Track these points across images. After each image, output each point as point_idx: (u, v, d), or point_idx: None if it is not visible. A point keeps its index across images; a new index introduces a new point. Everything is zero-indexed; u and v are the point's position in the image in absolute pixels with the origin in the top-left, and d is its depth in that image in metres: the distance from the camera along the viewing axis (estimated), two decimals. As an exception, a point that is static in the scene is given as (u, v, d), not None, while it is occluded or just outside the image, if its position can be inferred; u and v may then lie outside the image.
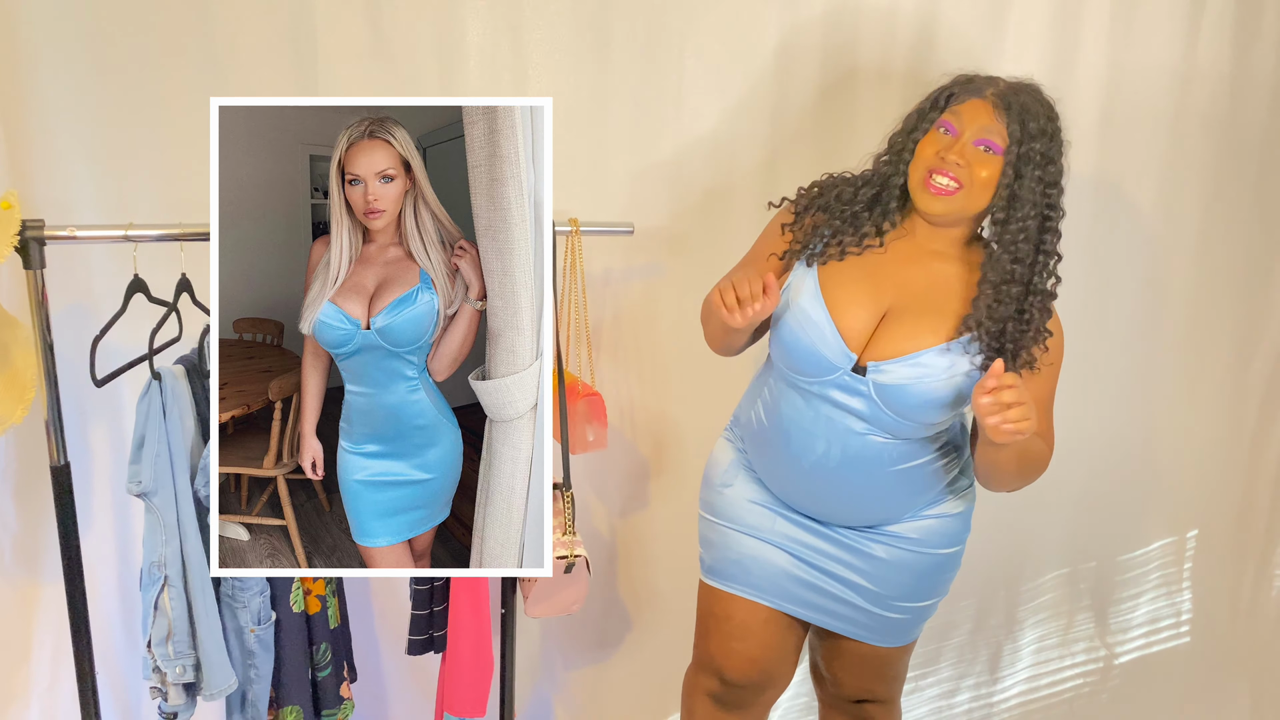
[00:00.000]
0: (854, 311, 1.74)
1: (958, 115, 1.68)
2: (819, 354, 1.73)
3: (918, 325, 1.72)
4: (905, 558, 1.87)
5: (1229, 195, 2.39)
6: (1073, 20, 2.25)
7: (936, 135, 1.70)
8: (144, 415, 1.78)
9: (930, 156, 1.68)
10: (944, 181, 1.67)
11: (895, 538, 1.87)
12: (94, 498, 2.29)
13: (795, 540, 1.90)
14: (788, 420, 1.81)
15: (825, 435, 1.77)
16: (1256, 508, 2.60)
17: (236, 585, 1.85)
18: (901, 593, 1.90)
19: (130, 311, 1.80)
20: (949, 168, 1.66)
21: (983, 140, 1.66)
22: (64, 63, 2.03)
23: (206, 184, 2.13)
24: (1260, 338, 2.49)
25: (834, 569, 1.89)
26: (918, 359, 1.70)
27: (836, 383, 1.74)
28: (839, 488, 1.81)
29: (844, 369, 1.73)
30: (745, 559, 1.93)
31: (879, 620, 1.91)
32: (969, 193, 1.68)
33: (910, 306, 1.74)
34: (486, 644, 2.00)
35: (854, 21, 2.22)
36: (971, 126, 1.66)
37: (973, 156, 1.66)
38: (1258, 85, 2.32)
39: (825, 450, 1.78)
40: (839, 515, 1.87)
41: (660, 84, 2.24)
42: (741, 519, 1.93)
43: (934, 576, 1.91)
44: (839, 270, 1.77)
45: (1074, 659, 2.71)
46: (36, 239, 1.75)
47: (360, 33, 2.12)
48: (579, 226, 2.04)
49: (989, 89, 1.68)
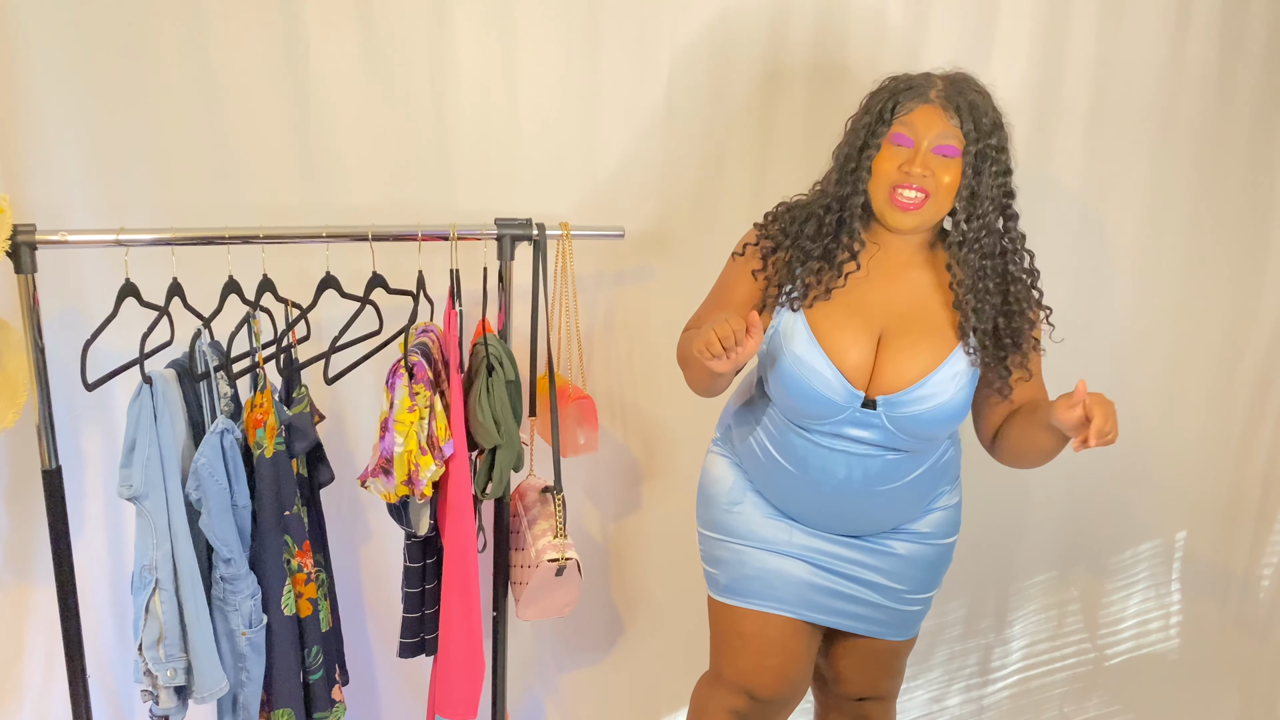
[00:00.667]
0: (851, 349, 1.74)
1: (910, 125, 1.66)
2: (825, 399, 1.74)
3: (916, 350, 1.73)
4: (918, 550, 1.90)
5: (1217, 194, 2.40)
6: (1061, 19, 2.26)
7: (892, 149, 1.68)
8: (135, 419, 1.78)
9: (892, 172, 1.67)
10: (911, 195, 1.67)
11: (910, 533, 1.90)
12: (86, 501, 2.28)
13: (814, 550, 1.90)
14: (801, 452, 1.81)
15: (845, 463, 1.79)
16: (1245, 508, 2.60)
17: (228, 588, 1.85)
18: (916, 585, 1.93)
19: (122, 316, 1.80)
20: (913, 180, 1.66)
21: (941, 147, 1.65)
22: (56, 67, 2.03)
23: (198, 188, 2.15)
24: (1248, 338, 2.50)
25: (855, 572, 1.90)
26: (925, 385, 1.72)
27: (848, 420, 1.75)
28: (862, 505, 1.83)
29: (853, 408, 1.74)
30: (766, 574, 1.91)
31: (895, 615, 1.94)
32: (935, 200, 1.68)
33: (903, 329, 1.75)
34: (478, 647, 2.00)
35: (843, 27, 2.22)
36: (928, 135, 1.65)
37: (934, 164, 1.66)
38: (1245, 84, 2.32)
39: (847, 474, 1.79)
40: (861, 529, 1.89)
41: (650, 87, 2.24)
42: (756, 535, 1.92)
43: (939, 566, 1.96)
44: (826, 309, 1.76)
45: (1063, 660, 2.71)
46: (28, 243, 1.76)
47: (351, 37, 2.12)
48: (569, 230, 2.04)
49: (931, 90, 1.67)
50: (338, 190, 2.20)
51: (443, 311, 2.00)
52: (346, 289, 1.91)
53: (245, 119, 2.13)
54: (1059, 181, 2.38)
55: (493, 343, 1.93)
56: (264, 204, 2.15)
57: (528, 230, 1.98)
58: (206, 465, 1.79)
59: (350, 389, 2.24)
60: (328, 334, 1.96)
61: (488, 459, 1.96)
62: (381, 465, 1.89)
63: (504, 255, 1.98)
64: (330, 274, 1.89)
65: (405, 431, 1.86)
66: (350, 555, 2.43)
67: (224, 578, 1.85)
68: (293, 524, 1.90)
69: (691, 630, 2.27)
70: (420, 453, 1.87)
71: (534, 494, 2.16)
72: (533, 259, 2.03)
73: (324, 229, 1.88)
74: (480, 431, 1.93)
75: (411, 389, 1.87)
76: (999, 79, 2.27)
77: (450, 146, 2.22)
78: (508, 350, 1.96)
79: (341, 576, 2.21)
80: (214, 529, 1.81)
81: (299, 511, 1.91)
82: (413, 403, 1.87)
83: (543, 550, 2.01)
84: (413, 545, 2.04)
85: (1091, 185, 2.38)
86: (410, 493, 1.90)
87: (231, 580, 1.85)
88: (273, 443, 1.84)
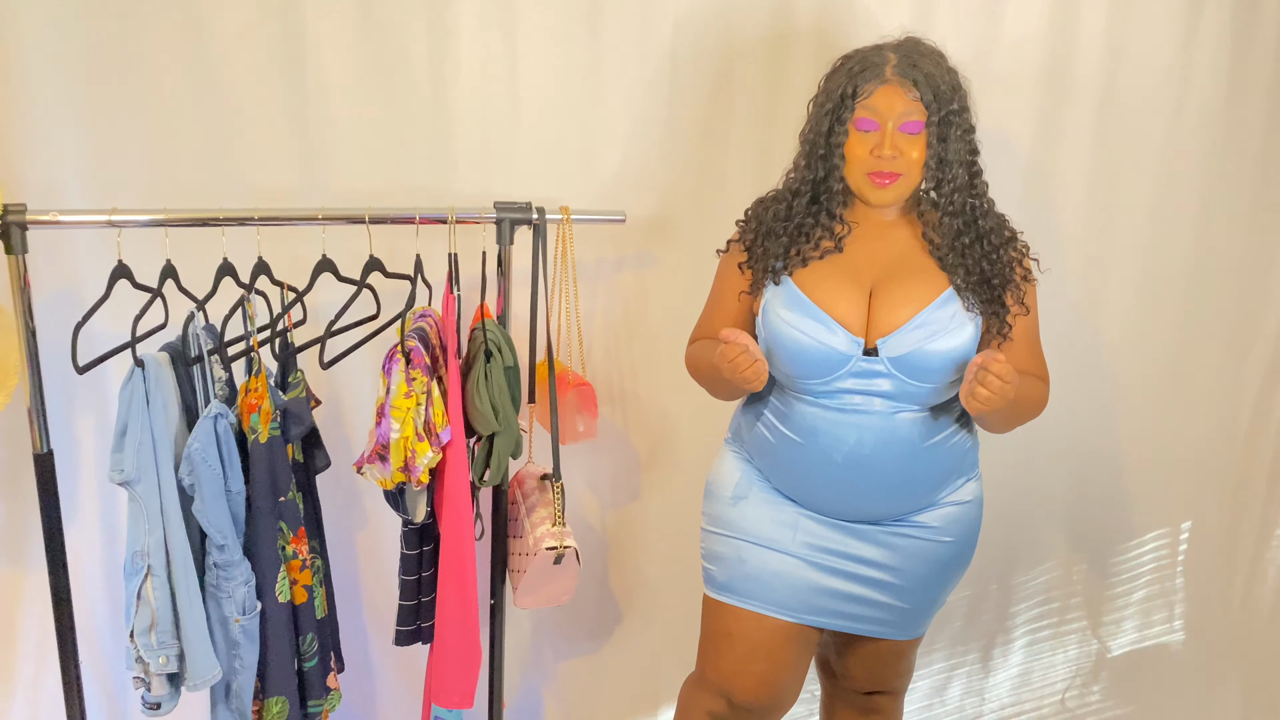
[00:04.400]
0: (844, 301, 1.75)
1: (873, 109, 1.69)
2: (827, 350, 1.73)
3: (908, 291, 1.75)
4: (927, 547, 1.87)
5: (1226, 188, 2.38)
6: (1071, 12, 2.23)
7: (860, 135, 1.71)
8: (127, 403, 1.76)
9: (864, 158, 1.71)
10: (885, 174, 1.71)
11: (920, 527, 1.86)
12: (79, 486, 2.27)
13: (819, 548, 1.87)
14: (810, 422, 1.79)
15: (855, 425, 1.76)
16: (1251, 500, 2.59)
17: (221, 575, 1.83)
18: (923, 584, 1.89)
19: (114, 298, 1.78)
20: (885, 164, 1.69)
21: (907, 125, 1.68)
22: (48, 46, 2.01)
23: (191, 169, 2.12)
24: (1256, 330, 2.49)
25: (861, 571, 1.87)
26: (921, 320, 1.72)
27: (851, 372, 1.74)
28: (874, 476, 1.80)
29: (856, 356, 1.73)
30: (765, 574, 1.88)
31: (901, 614, 1.90)
32: (908, 176, 1.72)
33: (893, 276, 1.76)
34: (474, 635, 1.99)
35: (849, 12, 2.20)
36: (891, 115, 1.68)
37: (902, 143, 1.69)
38: (1255, 79, 2.30)
39: (858, 439, 1.77)
40: (873, 508, 1.85)
41: (652, 71, 2.22)
42: (759, 533, 1.89)
43: (953, 566, 1.92)
44: (811, 272, 1.78)
45: (1066, 652, 2.70)
46: (18, 224, 1.74)
47: (349, 15, 2.10)
48: (570, 214, 2.02)
49: (886, 67, 1.69)
50: (334, 172, 2.18)
51: (441, 296, 1.98)
52: (343, 272, 1.89)
53: (241, 99, 2.11)
54: (1066, 176, 2.36)
55: (491, 328, 1.91)
56: (260, 185, 2.13)
57: (527, 214, 1.96)
58: (200, 450, 1.76)
59: (347, 374, 2.22)
60: (324, 318, 1.94)
61: (486, 446, 1.94)
62: (378, 451, 1.87)
63: (503, 239, 1.96)
64: (326, 257, 1.87)
65: (402, 417, 1.84)
66: (346, 542, 2.42)
67: (217, 564, 1.83)
68: (287, 510, 1.88)
69: (690, 620, 2.25)
70: (417, 439, 1.85)
71: (532, 481, 2.14)
72: (532, 243, 2.01)
73: (320, 211, 1.86)
74: (478, 418, 1.91)
75: (409, 374, 1.85)
76: (1007, 65, 2.27)
77: (449, 128, 2.20)
78: (506, 336, 1.95)
79: (337, 563, 2.20)
80: (207, 515, 1.79)
81: (294, 497, 1.90)
82: (409, 388, 1.85)
83: (541, 538, 2.00)
84: (409, 532, 2.03)
85: (1100, 175, 2.36)
86: (407, 479, 1.88)
87: (225, 567, 1.83)
88: (267, 428, 1.82)
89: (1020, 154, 2.34)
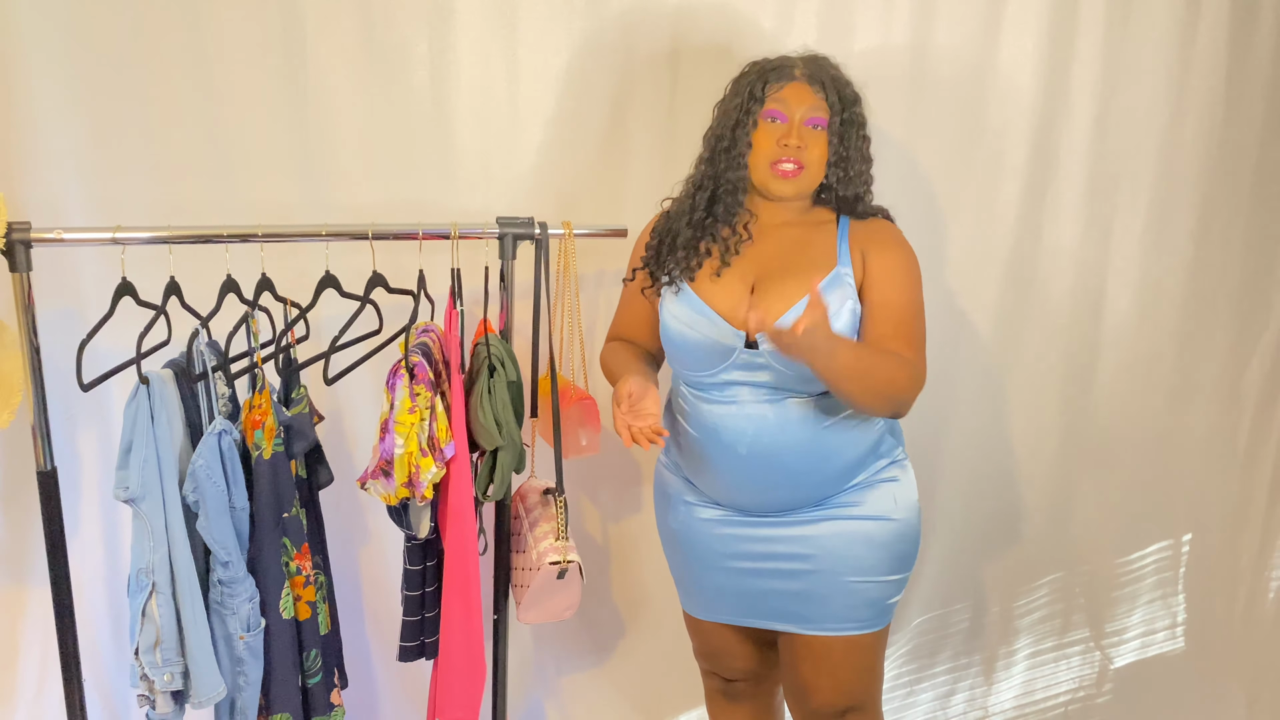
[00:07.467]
0: (725, 296, 1.82)
1: (783, 101, 1.78)
2: (711, 342, 1.80)
3: (785, 285, 1.79)
4: (856, 528, 1.87)
5: (1225, 196, 2.39)
6: (1068, 21, 2.24)
7: (768, 125, 1.78)
8: (131, 420, 1.76)
9: (771, 147, 1.78)
10: (789, 166, 1.78)
11: (842, 507, 1.88)
12: (82, 503, 2.27)
13: (744, 554, 1.92)
14: (711, 420, 1.84)
15: (749, 416, 1.81)
16: (1252, 511, 2.59)
17: (226, 591, 1.83)
18: (856, 567, 1.88)
19: (118, 315, 1.78)
20: (790, 153, 1.77)
21: (812, 119, 1.78)
22: (52, 64, 2.01)
23: (194, 186, 2.13)
24: (1256, 341, 2.49)
25: (792, 566, 1.89)
26: (797, 309, 1.75)
27: (735, 364, 1.80)
28: (780, 465, 1.83)
29: (738, 348, 1.79)
30: (708, 591, 1.99)
31: (844, 605, 1.89)
32: (809, 170, 1.80)
33: (775, 272, 1.82)
34: (478, 650, 1.98)
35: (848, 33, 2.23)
36: (799, 109, 1.77)
37: (807, 136, 1.78)
38: (1253, 86, 2.31)
39: (756, 430, 1.81)
40: (790, 496, 1.87)
41: (655, 88, 2.23)
42: (689, 553, 1.99)
43: (891, 547, 1.89)
44: (704, 270, 1.85)
45: (1069, 664, 2.70)
46: (23, 241, 1.74)
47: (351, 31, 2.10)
48: (572, 229, 2.02)
49: (796, 69, 1.79)
50: (337, 188, 2.19)
51: (443, 311, 1.98)
52: (346, 288, 1.89)
53: (244, 116, 2.12)
54: (1066, 185, 2.37)
55: (494, 343, 1.92)
56: (263, 202, 2.14)
57: (530, 229, 1.96)
58: (204, 467, 1.76)
59: (350, 390, 2.23)
60: (327, 334, 1.94)
61: (489, 460, 1.94)
62: (382, 467, 1.87)
63: (506, 254, 1.97)
64: (330, 273, 1.87)
65: (406, 433, 1.84)
66: (349, 558, 2.41)
67: (221, 581, 1.83)
68: (291, 526, 1.88)
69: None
70: (421, 454, 1.85)
71: (535, 496, 2.14)
72: (535, 258, 2.01)
73: (323, 227, 1.87)
74: (482, 433, 1.91)
75: (412, 390, 1.85)
76: (1005, 78, 2.28)
77: (451, 144, 2.21)
78: (509, 350, 1.95)
79: (341, 579, 2.19)
80: (211, 531, 1.79)
81: (298, 513, 1.89)
82: (413, 404, 1.85)
83: (544, 553, 1.99)
84: (413, 548, 2.02)
85: (1098, 184, 2.37)
86: (411, 495, 1.88)
87: (229, 583, 1.83)
88: (271, 444, 1.82)
89: (1017, 165, 2.35)
